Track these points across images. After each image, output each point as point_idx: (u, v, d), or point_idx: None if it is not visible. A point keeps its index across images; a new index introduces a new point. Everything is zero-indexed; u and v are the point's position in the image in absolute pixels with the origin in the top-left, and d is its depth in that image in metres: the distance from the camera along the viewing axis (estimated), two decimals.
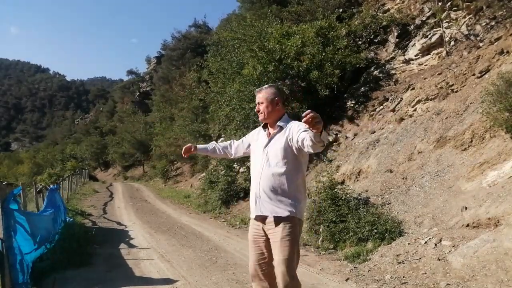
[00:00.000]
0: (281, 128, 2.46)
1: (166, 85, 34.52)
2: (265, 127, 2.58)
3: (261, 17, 12.77)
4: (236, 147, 2.83)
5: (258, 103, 2.54)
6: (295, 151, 2.37)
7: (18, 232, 3.75)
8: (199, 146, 2.88)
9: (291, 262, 2.31)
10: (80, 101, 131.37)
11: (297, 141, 2.28)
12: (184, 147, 2.80)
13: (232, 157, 2.86)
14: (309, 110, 1.89)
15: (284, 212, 2.35)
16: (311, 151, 2.19)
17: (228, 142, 2.90)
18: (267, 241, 2.42)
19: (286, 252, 2.30)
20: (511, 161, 4.91)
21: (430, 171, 6.15)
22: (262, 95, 2.52)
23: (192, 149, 2.79)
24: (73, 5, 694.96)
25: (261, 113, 2.52)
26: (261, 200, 2.40)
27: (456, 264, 3.86)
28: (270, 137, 2.48)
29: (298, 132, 2.29)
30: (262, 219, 2.43)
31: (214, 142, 2.94)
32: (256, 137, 2.64)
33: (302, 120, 1.92)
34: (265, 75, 9.83)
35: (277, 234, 2.34)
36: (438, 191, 5.59)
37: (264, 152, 2.46)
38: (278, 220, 2.35)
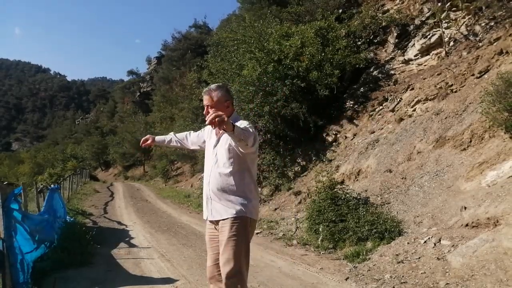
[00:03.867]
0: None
1: (167, 86, 34.55)
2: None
3: (261, 17, 12.79)
4: (191, 139, 2.83)
5: (207, 105, 2.42)
6: (238, 151, 2.35)
7: (18, 232, 3.76)
8: (157, 138, 2.86)
9: (237, 262, 2.26)
10: (81, 101, 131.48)
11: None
12: (142, 139, 2.80)
13: (190, 148, 2.87)
14: (210, 112, 2.02)
15: (232, 211, 2.32)
16: (243, 151, 2.23)
17: (185, 133, 2.89)
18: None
19: (231, 252, 2.26)
20: (510, 161, 4.92)
21: (429, 171, 6.17)
22: (210, 97, 2.41)
23: (149, 141, 2.78)
24: (74, 5, 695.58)
25: (207, 114, 2.37)
26: (212, 202, 2.40)
27: (456, 264, 3.87)
28: (218, 137, 2.46)
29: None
30: (215, 220, 2.43)
31: (172, 133, 2.93)
32: (209, 135, 2.61)
33: (206, 123, 1.98)
34: (265, 76, 9.85)
35: (224, 234, 2.31)
36: (438, 191, 5.60)
37: (213, 152, 2.46)
38: (226, 219, 2.33)
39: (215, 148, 2.46)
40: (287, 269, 4.67)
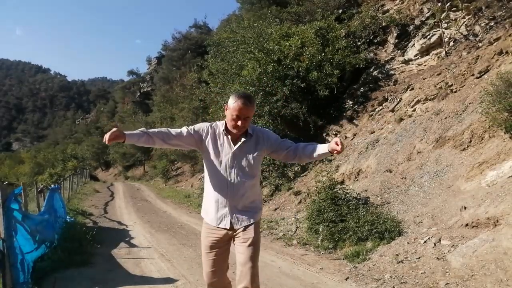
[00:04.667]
0: (251, 135, 2.34)
1: (167, 86, 34.56)
2: (225, 130, 2.32)
3: (261, 17, 12.81)
4: (179, 137, 2.32)
5: (246, 117, 2.24)
6: (261, 159, 2.41)
7: (18, 232, 3.77)
8: (128, 133, 2.17)
9: (257, 266, 2.31)
10: (81, 101, 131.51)
11: (289, 152, 2.39)
12: (108, 133, 2.07)
13: (169, 146, 2.38)
14: (339, 140, 2.21)
15: (256, 216, 2.37)
16: (296, 162, 2.40)
17: (165, 129, 2.32)
18: (228, 247, 2.40)
19: (255, 256, 2.29)
20: (510, 161, 4.93)
21: (429, 171, 6.17)
22: (251, 110, 2.28)
23: (119, 136, 2.10)
24: (75, 6, 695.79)
25: (243, 127, 2.26)
26: (232, 209, 2.32)
27: (455, 264, 3.87)
28: (239, 145, 2.31)
29: (283, 143, 2.42)
30: (231, 228, 2.35)
31: (143, 128, 2.28)
32: (214, 138, 2.34)
33: (338, 149, 2.18)
34: (265, 76, 9.86)
35: (247, 239, 2.31)
36: (437, 191, 5.60)
37: (232, 159, 2.30)
38: (250, 225, 2.34)
39: (233, 156, 2.31)
40: (287, 269, 4.67)
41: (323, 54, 9.97)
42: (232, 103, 2.22)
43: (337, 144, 2.19)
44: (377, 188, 6.73)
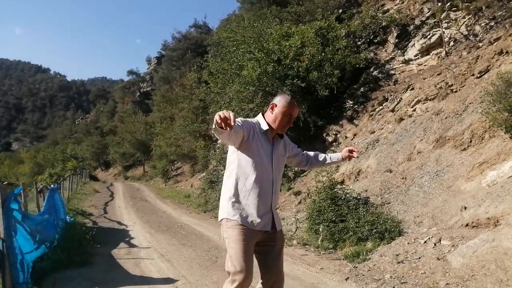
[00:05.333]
0: (282, 136, 2.39)
1: (167, 85, 34.55)
2: (267, 131, 2.29)
3: (261, 17, 12.80)
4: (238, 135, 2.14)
5: (295, 116, 2.34)
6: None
7: (18, 232, 3.76)
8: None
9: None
10: (81, 101, 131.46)
11: (302, 158, 2.54)
12: (223, 115, 1.80)
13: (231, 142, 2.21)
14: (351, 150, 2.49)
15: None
16: (304, 168, 2.52)
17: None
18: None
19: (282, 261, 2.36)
20: (511, 161, 4.93)
21: (429, 171, 6.16)
22: (298, 108, 2.37)
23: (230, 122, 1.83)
24: (75, 6, 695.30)
25: (289, 126, 2.36)
26: (273, 211, 2.29)
27: (456, 264, 3.87)
28: (274, 145, 2.32)
29: (298, 149, 2.55)
30: (267, 230, 2.26)
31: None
32: (255, 136, 2.23)
33: (354, 155, 2.49)
34: (265, 76, 9.85)
35: (280, 243, 2.34)
36: (438, 191, 5.60)
37: (273, 160, 2.28)
38: (280, 229, 2.37)
39: (272, 156, 2.29)
40: (287, 269, 4.63)
41: (323, 54, 9.96)
42: (285, 102, 2.26)
43: (351, 152, 2.44)
44: (377, 188, 6.73)
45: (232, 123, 1.79)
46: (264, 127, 2.28)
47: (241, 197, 2.21)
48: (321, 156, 2.57)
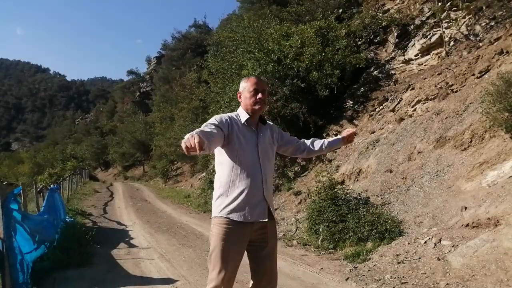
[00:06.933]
0: (265, 121, 2.31)
1: (166, 85, 34.57)
2: (247, 120, 2.21)
3: (261, 17, 12.79)
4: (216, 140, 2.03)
5: (263, 90, 2.20)
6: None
7: (18, 232, 3.75)
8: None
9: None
10: (81, 101, 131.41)
11: (298, 145, 2.46)
12: (187, 143, 1.71)
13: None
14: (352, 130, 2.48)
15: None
16: (304, 156, 2.44)
17: (206, 129, 1.98)
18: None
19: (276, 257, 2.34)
20: (511, 161, 4.92)
21: (429, 171, 6.16)
22: (265, 84, 2.27)
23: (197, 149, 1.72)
24: (75, 6, 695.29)
25: (264, 103, 2.21)
26: (267, 203, 2.19)
27: (456, 264, 3.86)
28: (259, 133, 2.24)
29: (291, 137, 2.47)
30: (260, 222, 2.18)
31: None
32: (234, 128, 2.16)
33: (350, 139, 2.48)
34: (264, 76, 9.84)
35: (273, 236, 2.28)
36: (438, 191, 5.59)
37: (259, 150, 2.20)
38: (274, 219, 2.30)
39: (257, 146, 2.20)
40: (287, 269, 4.65)
41: (323, 54, 9.95)
42: (245, 82, 2.25)
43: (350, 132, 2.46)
44: (377, 188, 6.72)
45: (198, 150, 1.68)
46: (244, 117, 2.22)
47: (229, 191, 2.15)
48: (319, 142, 2.46)
